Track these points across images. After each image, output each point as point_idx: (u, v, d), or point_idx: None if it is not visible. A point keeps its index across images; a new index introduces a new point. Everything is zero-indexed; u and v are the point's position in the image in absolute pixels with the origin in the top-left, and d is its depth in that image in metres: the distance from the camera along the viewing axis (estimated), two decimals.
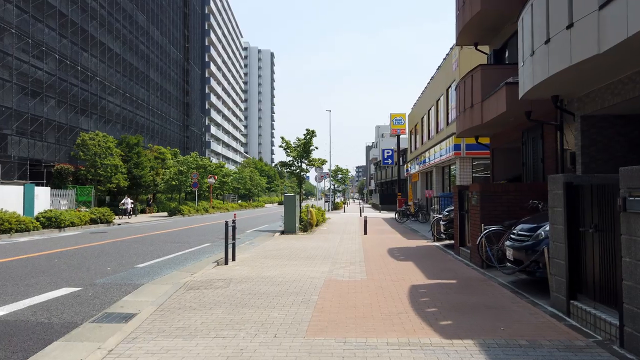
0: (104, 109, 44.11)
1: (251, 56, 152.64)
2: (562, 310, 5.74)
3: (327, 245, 13.98)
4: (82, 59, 40.43)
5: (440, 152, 19.53)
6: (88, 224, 23.52)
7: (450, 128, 18.35)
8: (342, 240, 15.43)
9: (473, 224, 9.94)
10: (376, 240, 15.46)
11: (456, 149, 17.31)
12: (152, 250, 13.22)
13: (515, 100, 9.80)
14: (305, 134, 20.83)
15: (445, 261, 10.51)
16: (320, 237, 16.67)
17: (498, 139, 13.70)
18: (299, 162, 21.24)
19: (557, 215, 5.77)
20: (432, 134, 22.71)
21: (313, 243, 14.63)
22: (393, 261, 10.52)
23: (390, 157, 43.67)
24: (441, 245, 13.66)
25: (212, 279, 8.31)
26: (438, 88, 21.43)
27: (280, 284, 7.77)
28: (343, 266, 9.76)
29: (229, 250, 10.47)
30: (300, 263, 10.18)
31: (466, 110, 12.68)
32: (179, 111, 68.97)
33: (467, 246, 10.90)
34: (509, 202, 9.32)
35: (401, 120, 33.93)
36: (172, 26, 65.61)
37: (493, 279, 8.20)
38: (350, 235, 17.42)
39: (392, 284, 7.72)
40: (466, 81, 12.76)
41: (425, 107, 24.93)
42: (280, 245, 13.93)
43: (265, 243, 14.86)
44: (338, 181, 63.91)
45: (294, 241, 15.32)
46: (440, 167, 21.93)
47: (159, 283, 8.25)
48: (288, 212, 18.50)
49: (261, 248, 13.32)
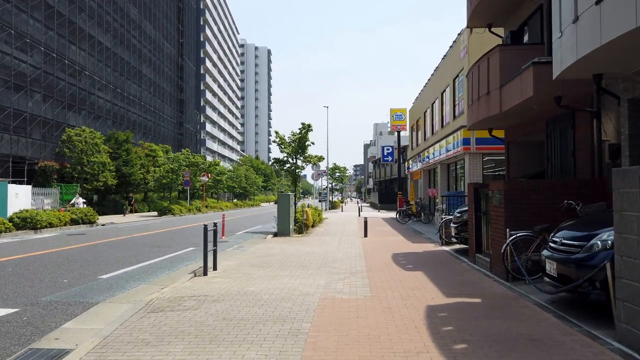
0: (93, 104, 42.50)
1: (248, 53, 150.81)
2: (636, 349, 4.29)
3: (324, 249, 12.52)
4: (69, 52, 38.81)
5: (447, 148, 18.07)
6: (69, 224, 21.98)
7: (458, 121, 16.92)
8: (341, 244, 13.97)
9: (494, 228, 8.48)
10: (378, 244, 14.01)
11: (465, 144, 15.84)
12: (126, 257, 11.72)
13: (545, 83, 8.36)
14: (301, 128, 19.24)
15: (461, 271, 9.05)
16: (316, 240, 15.21)
17: (515, 131, 12.25)
18: (294, 159, 19.68)
19: (630, 221, 4.31)
20: (437, 128, 21.24)
21: (308, 247, 13.16)
22: (400, 271, 9.06)
23: (391, 154, 42.16)
24: (451, 251, 12.21)
25: (183, 296, 6.84)
26: (443, 79, 19.97)
27: (264, 304, 6.30)
28: (342, 277, 8.29)
29: (210, 258, 9.00)
30: (292, 273, 8.71)
31: (480, 98, 11.22)
32: (173, 108, 67.33)
33: (485, 253, 9.45)
34: (538, 202, 7.87)
35: (402, 116, 32.44)
36: (165, 20, 63.95)
37: (524, 296, 6.75)
38: (349, 238, 15.96)
39: (403, 304, 6.26)
40: (480, 66, 11.31)
41: (429, 100, 23.45)
42: (271, 250, 12.46)
43: (256, 247, 13.38)
44: (336, 179, 62.40)
45: (288, 245, 13.86)
46: (446, 164, 20.48)
47: (117, 301, 6.77)
48: (282, 213, 17.04)
49: (250, 253, 11.85)
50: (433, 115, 22.48)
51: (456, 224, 11.53)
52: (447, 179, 20.48)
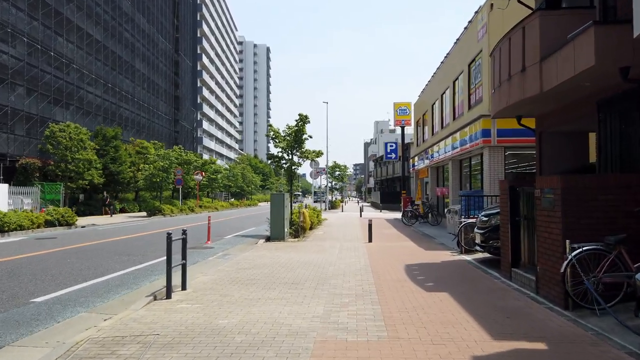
0: (82, 99, 40.51)
1: (246, 51, 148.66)
2: None
3: (323, 259, 10.57)
4: (56, 44, 36.83)
5: (461, 141, 16.09)
6: (43, 226, 20.02)
7: (474, 112, 14.96)
8: (342, 251, 12.02)
9: (543, 238, 6.54)
10: (385, 251, 12.05)
11: (485, 136, 13.82)
12: (83, 269, 9.77)
13: (610, 50, 6.41)
14: (297, 120, 17.19)
15: (498, 292, 7.09)
16: (314, 246, 13.25)
17: (550, 118, 10.30)
18: (290, 155, 17.65)
19: None
20: (447, 121, 19.27)
21: (305, 255, 11.21)
22: (419, 291, 7.11)
23: (394, 151, 40.09)
24: (474, 261, 10.26)
25: (125, 335, 4.89)
26: (456, 66, 17.99)
27: (234, 353, 4.35)
28: (346, 302, 6.35)
29: (178, 274, 7.07)
30: (280, 295, 6.77)
31: (512, 77, 9.26)
32: (168, 105, 65.30)
33: (527, 268, 7.50)
34: (606, 204, 5.93)
35: (406, 110, 30.41)
36: (160, 15, 61.90)
37: (604, 337, 4.80)
38: (351, 243, 14.01)
39: (436, 354, 4.31)
40: (512, 39, 9.35)
41: (437, 91, 21.48)
42: (260, 259, 10.51)
43: (243, 255, 11.43)
44: (336, 178, 60.34)
45: (280, 252, 11.91)
46: (458, 160, 18.49)
47: (31, 343, 4.82)
48: (275, 215, 15.08)
49: (234, 264, 9.90)
50: (443, 107, 20.50)
51: (482, 229, 9.57)
52: (459, 177, 18.51)
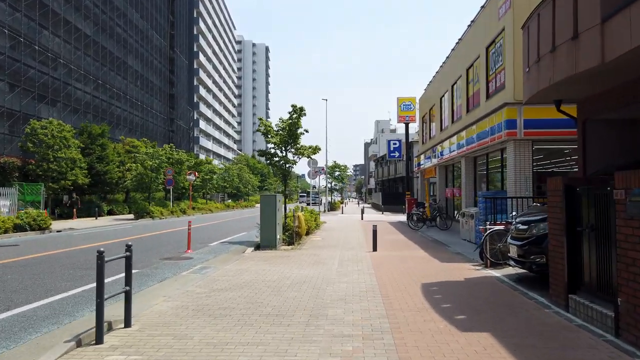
0: (69, 96, 38.59)
1: (245, 50, 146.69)
2: None
3: (319, 274, 8.65)
4: (41, 37, 34.94)
5: (478, 135, 14.12)
6: (11, 231, 18.08)
7: (495, 101, 12.94)
8: (343, 264, 10.09)
9: (632, 259, 4.60)
10: (395, 263, 10.12)
11: (510, 127, 11.79)
12: (18, 289, 7.83)
13: None
14: (291, 112, 15.20)
15: (563, 335, 5.15)
16: (309, 256, 11.32)
17: (596, 103, 8.37)
18: (283, 151, 15.68)
19: None
20: (459, 114, 17.31)
21: (296, 269, 9.28)
22: (450, 330, 5.17)
23: (398, 149, 38.05)
24: (506, 279, 8.32)
25: None
26: (470, 51, 16.01)
27: None
28: (349, 351, 4.42)
29: (120, 305, 5.14)
30: (257, 338, 4.84)
31: (557, 49, 7.33)
32: (163, 103, 63.36)
33: (592, 295, 5.55)
34: None
35: (410, 106, 28.43)
36: (154, 10, 59.97)
37: None
38: (353, 252, 12.08)
39: None
40: (557, 2, 7.42)
41: (447, 82, 19.52)
42: (243, 275, 8.58)
43: (224, 269, 9.50)
44: (335, 179, 58.30)
45: (269, 264, 9.98)
46: (472, 158, 16.54)
47: None
48: (266, 219, 13.15)
49: (208, 282, 7.96)
50: (454, 99, 18.54)
51: (520, 240, 7.62)
52: (472, 176, 16.56)
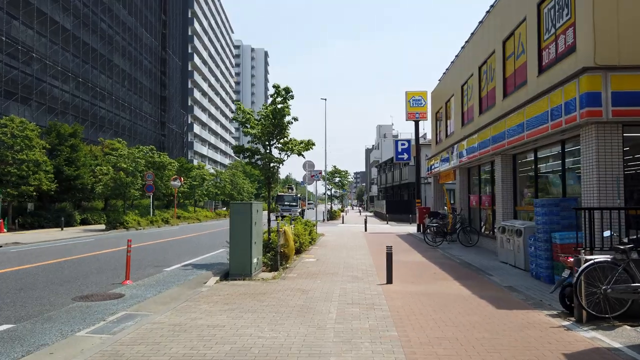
0: (44, 94, 35.08)
1: (244, 54, 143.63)
2: None
3: (302, 343, 5.03)
4: (9, 28, 31.51)
5: (528, 122, 10.24)
6: None
7: (560, 69, 8.97)
8: (344, 314, 6.46)
9: None
10: (427, 313, 6.49)
11: (590, 104, 7.90)
12: None
13: None
14: (274, 95, 11.40)
15: None
16: (294, 295, 7.69)
17: None
18: (266, 147, 12.03)
19: None
20: (492, 101, 13.61)
21: (268, 329, 5.66)
22: None
23: (406, 151, 34.31)
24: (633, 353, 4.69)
25: None
26: (510, 16, 12.22)
27: None
28: None
29: None
30: None
31: None
32: (154, 106, 59.89)
33: None
34: None
35: (421, 101, 24.83)
36: (144, 7, 56.66)
37: None
38: (358, 286, 8.44)
39: None
40: None
41: (472, 65, 15.83)
42: (173, 343, 4.97)
43: (153, 323, 5.87)
44: (336, 185, 54.68)
45: (228, 314, 6.35)
46: (510, 155, 12.87)
47: None
48: (237, 237, 9.51)
49: (103, 358, 4.35)
50: (481, 84, 14.93)
51: None
52: (511, 180, 12.91)
